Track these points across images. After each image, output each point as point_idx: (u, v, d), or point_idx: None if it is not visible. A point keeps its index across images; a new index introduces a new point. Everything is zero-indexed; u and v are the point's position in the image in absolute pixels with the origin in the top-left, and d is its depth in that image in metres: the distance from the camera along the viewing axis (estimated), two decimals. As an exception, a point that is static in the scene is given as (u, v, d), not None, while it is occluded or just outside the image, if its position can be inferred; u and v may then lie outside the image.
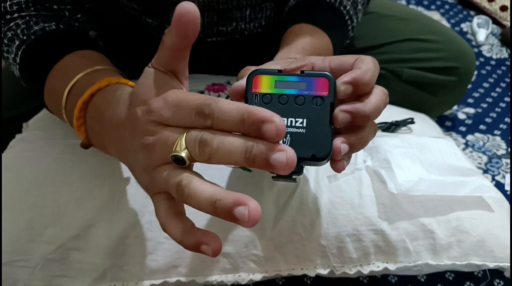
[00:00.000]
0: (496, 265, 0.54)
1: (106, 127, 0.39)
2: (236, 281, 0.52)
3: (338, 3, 0.57)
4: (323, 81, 0.35)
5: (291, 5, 0.60)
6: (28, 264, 0.48)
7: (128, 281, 0.50)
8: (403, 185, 0.50)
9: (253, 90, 0.36)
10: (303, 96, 0.35)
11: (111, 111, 0.38)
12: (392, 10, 0.81)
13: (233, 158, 0.29)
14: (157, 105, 0.32)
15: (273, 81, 0.36)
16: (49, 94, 0.48)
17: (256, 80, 0.36)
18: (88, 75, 0.44)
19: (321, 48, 0.53)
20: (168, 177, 0.32)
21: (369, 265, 0.53)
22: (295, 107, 0.35)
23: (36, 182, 0.50)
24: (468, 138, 0.94)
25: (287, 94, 0.35)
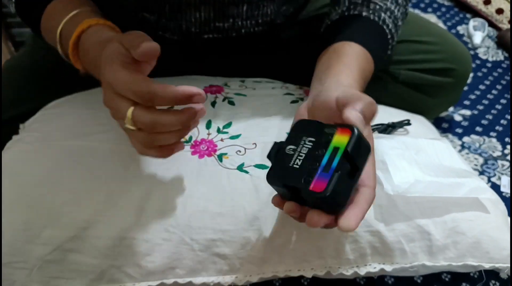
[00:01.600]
0: (492, 266, 0.54)
1: (91, 65, 0.49)
2: (233, 282, 0.52)
3: (382, 21, 0.59)
4: (322, 186, 0.37)
5: (334, 19, 0.61)
6: (25, 266, 0.48)
7: (125, 283, 0.50)
8: (399, 186, 0.51)
9: (338, 129, 0.39)
10: (318, 168, 0.38)
11: (92, 53, 0.48)
12: None
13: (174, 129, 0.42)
14: (109, 80, 0.41)
15: (339, 145, 0.38)
16: (45, 31, 0.56)
17: (345, 131, 0.39)
18: (72, 19, 0.52)
19: (369, 73, 0.56)
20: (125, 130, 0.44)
21: (365, 266, 0.53)
22: (312, 158, 0.39)
23: (33, 184, 0.50)
24: (464, 140, 0.95)
25: (322, 155, 0.38)
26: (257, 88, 0.67)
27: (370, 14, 0.59)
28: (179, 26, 0.65)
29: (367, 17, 0.59)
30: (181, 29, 0.65)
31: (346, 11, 0.60)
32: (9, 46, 1.28)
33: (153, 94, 0.39)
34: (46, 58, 0.67)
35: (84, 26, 0.49)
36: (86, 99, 0.63)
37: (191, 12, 0.63)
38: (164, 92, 0.39)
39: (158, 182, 0.51)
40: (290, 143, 0.41)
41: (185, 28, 0.65)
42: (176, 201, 0.51)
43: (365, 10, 0.59)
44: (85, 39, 0.49)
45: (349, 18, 0.60)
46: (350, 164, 0.37)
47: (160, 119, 0.40)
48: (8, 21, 1.26)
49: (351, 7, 0.60)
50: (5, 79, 0.66)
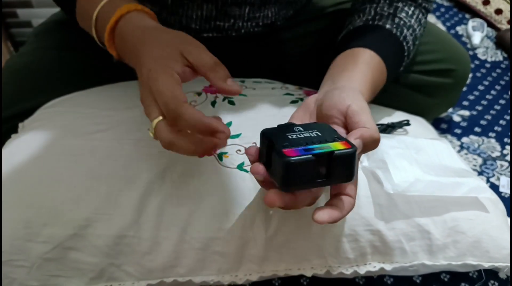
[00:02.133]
0: (492, 265, 0.54)
1: (127, 53, 0.48)
2: (233, 281, 0.52)
3: (403, 37, 0.60)
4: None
5: (357, 25, 0.62)
6: (25, 264, 0.48)
7: (125, 281, 0.50)
8: (399, 185, 0.51)
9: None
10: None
11: (130, 41, 0.47)
12: None
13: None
14: (152, 81, 0.41)
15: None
16: (80, 16, 0.54)
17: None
18: (109, 3, 0.50)
19: (380, 83, 0.58)
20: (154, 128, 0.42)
21: (365, 265, 0.53)
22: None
23: (33, 182, 0.50)
24: (463, 140, 0.95)
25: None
26: (257, 88, 0.68)
27: (393, 28, 0.60)
28: (180, 21, 0.65)
29: (390, 30, 0.60)
30: (181, 24, 0.65)
31: (370, 20, 0.61)
32: (8, 46, 1.28)
33: (179, 116, 0.39)
34: (46, 57, 0.67)
35: (123, 11, 0.48)
36: (86, 98, 0.63)
37: (193, 8, 0.63)
38: (189, 118, 0.39)
39: (158, 181, 0.51)
40: (302, 127, 0.44)
41: (185, 24, 0.65)
42: (175, 199, 0.51)
43: (389, 23, 0.60)
44: (123, 25, 0.48)
45: (372, 27, 0.61)
46: (327, 167, 0.39)
47: (177, 142, 0.40)
48: (7, 21, 1.26)
49: (376, 17, 0.61)
50: (5, 78, 0.66)
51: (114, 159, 0.52)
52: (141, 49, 0.45)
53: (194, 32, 0.66)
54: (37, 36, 0.72)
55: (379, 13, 0.61)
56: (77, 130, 0.56)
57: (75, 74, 0.67)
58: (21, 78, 0.66)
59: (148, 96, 0.42)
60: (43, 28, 0.73)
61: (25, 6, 1.24)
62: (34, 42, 0.71)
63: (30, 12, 1.25)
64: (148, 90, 0.42)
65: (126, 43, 0.47)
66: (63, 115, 0.59)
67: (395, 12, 0.61)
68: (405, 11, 0.61)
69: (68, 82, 0.66)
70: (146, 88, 0.42)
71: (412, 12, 0.61)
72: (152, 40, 0.45)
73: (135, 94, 0.62)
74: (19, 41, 1.29)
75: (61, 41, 0.69)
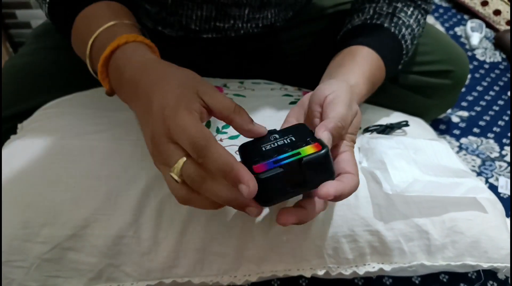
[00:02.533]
0: (490, 266, 0.54)
1: (124, 87, 0.44)
2: (232, 281, 0.52)
3: (401, 36, 0.60)
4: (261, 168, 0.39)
5: (355, 25, 0.63)
6: (23, 264, 0.48)
7: (124, 282, 0.50)
8: (398, 185, 0.51)
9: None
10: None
11: (129, 72, 0.42)
12: None
13: (217, 201, 0.39)
14: (169, 119, 0.37)
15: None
16: (75, 40, 0.51)
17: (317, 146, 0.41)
18: (108, 29, 0.46)
19: (379, 80, 0.58)
20: (169, 183, 0.40)
21: (364, 266, 0.53)
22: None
23: (31, 182, 0.50)
24: (462, 141, 0.95)
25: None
26: (256, 89, 0.68)
27: (391, 27, 0.60)
28: (179, 21, 0.65)
29: (388, 28, 0.60)
30: (181, 25, 0.65)
31: (369, 19, 0.62)
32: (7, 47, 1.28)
33: (208, 152, 0.36)
34: (45, 58, 0.68)
35: (121, 41, 0.44)
36: (85, 99, 0.63)
37: (193, 8, 0.63)
38: (218, 158, 0.36)
39: (157, 181, 0.51)
40: (279, 133, 0.44)
41: (185, 24, 0.65)
42: (174, 200, 0.50)
43: (388, 22, 0.61)
44: (121, 55, 0.44)
45: (371, 26, 0.61)
46: (300, 173, 0.39)
47: (208, 180, 0.37)
48: (6, 22, 1.26)
49: (375, 16, 0.62)
50: (4, 79, 0.66)
51: (113, 159, 0.52)
52: (147, 85, 0.40)
53: (193, 32, 0.66)
54: (36, 37, 0.72)
55: (378, 13, 0.62)
56: (76, 131, 0.56)
57: (74, 75, 0.67)
58: (20, 79, 0.66)
59: (163, 136, 0.38)
60: (42, 29, 0.73)
61: (24, 7, 1.24)
62: (33, 43, 0.71)
63: (29, 13, 1.25)
64: (162, 130, 0.38)
65: (123, 75, 0.43)
66: (62, 116, 0.59)
67: (394, 12, 0.61)
68: (404, 11, 0.61)
69: (67, 83, 0.66)
70: (159, 127, 0.38)
71: (411, 13, 0.62)
72: (163, 76, 0.41)
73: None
74: (18, 42, 1.29)
75: (60, 42, 0.69)
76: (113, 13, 0.48)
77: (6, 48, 1.27)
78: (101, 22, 0.47)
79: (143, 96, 0.41)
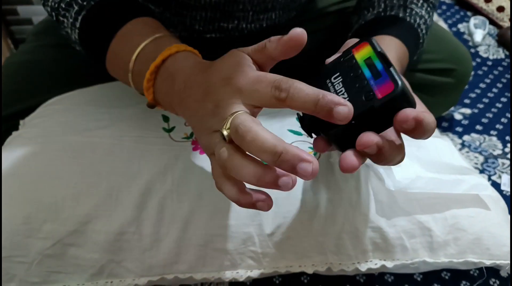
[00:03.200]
0: (493, 263, 0.54)
1: (176, 89, 0.43)
2: (234, 277, 0.52)
3: (417, 25, 0.59)
4: (389, 87, 0.34)
5: (369, 19, 0.61)
6: (25, 260, 0.48)
7: (125, 277, 0.50)
8: (400, 182, 0.51)
9: (353, 50, 0.38)
10: (367, 82, 0.35)
11: (183, 75, 0.42)
12: None
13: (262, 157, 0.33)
14: (237, 79, 0.36)
15: (368, 55, 0.37)
16: (112, 59, 0.50)
17: (362, 45, 0.38)
18: (154, 41, 0.46)
19: (405, 66, 0.55)
20: (217, 145, 0.36)
21: (366, 263, 0.53)
22: (354, 84, 0.36)
23: (33, 178, 0.50)
24: (464, 139, 0.95)
25: (361, 72, 0.36)
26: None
27: (406, 17, 0.59)
28: (183, 22, 0.65)
29: (404, 18, 0.59)
30: (184, 25, 0.65)
31: (382, 12, 0.60)
32: (8, 43, 1.28)
33: (292, 83, 0.34)
34: (47, 55, 0.67)
35: (172, 51, 0.44)
36: (87, 95, 0.63)
37: (197, 10, 0.63)
38: (304, 88, 0.33)
39: (159, 177, 0.51)
40: (332, 71, 0.39)
41: (189, 25, 0.65)
42: (176, 196, 0.50)
43: (402, 12, 0.59)
44: (172, 63, 0.44)
45: (386, 18, 0.60)
46: (374, 119, 0.35)
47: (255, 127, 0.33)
48: (8, 18, 1.26)
49: (387, 8, 0.60)
50: (5, 76, 0.66)
51: (114, 155, 0.52)
52: (203, 76, 0.40)
53: (197, 33, 0.66)
54: (36, 35, 0.72)
55: (390, 5, 0.61)
56: (78, 127, 0.56)
57: (75, 72, 0.67)
58: (20, 77, 0.66)
59: (230, 98, 0.36)
60: (42, 27, 0.73)
61: (26, 3, 1.24)
62: (34, 40, 0.71)
63: (31, 9, 1.25)
64: (230, 93, 0.37)
65: (175, 81, 0.43)
66: (63, 113, 0.59)
67: (406, 3, 0.60)
68: (415, 3, 0.60)
69: (69, 80, 0.65)
70: (224, 92, 0.37)
71: (422, 4, 0.61)
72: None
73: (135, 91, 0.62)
74: (19, 39, 1.29)
75: (61, 39, 0.69)
76: (151, 28, 0.49)
77: (8, 44, 1.27)
78: (142, 38, 0.47)
79: (197, 87, 0.40)
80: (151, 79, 0.45)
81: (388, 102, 0.34)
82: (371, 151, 0.34)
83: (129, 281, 0.50)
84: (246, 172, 0.33)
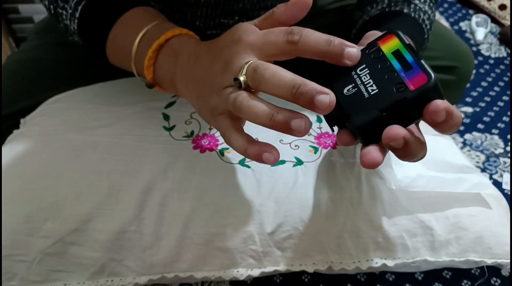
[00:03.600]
0: (494, 262, 0.54)
1: (180, 63, 0.44)
2: (234, 276, 0.52)
3: (421, 20, 0.59)
4: (422, 78, 0.34)
5: (373, 15, 0.61)
6: (26, 258, 0.48)
7: (126, 276, 0.50)
8: (401, 181, 0.51)
9: (378, 42, 0.38)
10: (397, 74, 0.35)
11: (188, 50, 0.44)
12: None
13: (280, 91, 0.34)
14: (247, 37, 0.38)
15: (395, 48, 0.37)
16: (113, 48, 0.52)
17: (389, 38, 0.38)
18: (157, 26, 0.48)
19: None
20: (231, 93, 0.36)
21: (367, 261, 0.53)
22: (382, 76, 0.36)
23: (34, 177, 0.50)
24: (466, 137, 0.94)
25: (390, 64, 0.36)
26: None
27: (411, 12, 0.59)
28: (184, 18, 0.65)
29: (408, 14, 0.59)
30: (185, 21, 0.65)
31: (386, 7, 0.60)
32: (10, 41, 1.28)
33: (303, 29, 0.36)
34: (48, 53, 0.67)
35: (176, 32, 0.47)
36: (87, 94, 0.63)
37: (197, 6, 0.63)
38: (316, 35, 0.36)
39: (159, 176, 0.51)
40: (342, 86, 0.37)
41: (189, 21, 0.65)
42: (177, 195, 0.50)
43: (406, 8, 0.59)
44: (176, 41, 0.46)
45: (390, 13, 0.59)
46: (406, 111, 0.35)
47: (272, 67, 0.34)
48: (9, 16, 1.26)
49: (391, 4, 0.60)
50: (6, 74, 0.66)
51: (115, 154, 0.52)
52: (208, 45, 0.41)
53: (197, 29, 0.66)
54: (37, 33, 0.72)
55: (394, 0, 0.60)
56: (79, 126, 0.56)
57: (76, 70, 0.67)
58: (21, 75, 0.66)
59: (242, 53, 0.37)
60: (43, 25, 0.73)
61: (27, 2, 1.24)
62: (35, 38, 0.71)
63: (32, 8, 1.25)
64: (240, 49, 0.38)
65: (179, 57, 0.45)
66: (64, 111, 0.59)
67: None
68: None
69: (70, 78, 0.65)
70: (235, 49, 0.38)
71: (424, 0, 0.61)
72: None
73: (136, 89, 0.62)
74: (20, 37, 1.29)
75: (62, 37, 0.69)
76: (152, 15, 0.50)
77: (9, 43, 1.27)
78: (145, 23, 0.48)
79: (205, 55, 0.41)
80: (153, 57, 0.46)
81: (421, 94, 0.34)
82: (398, 145, 0.34)
83: (129, 280, 0.50)
84: (262, 109, 0.34)
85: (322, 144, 0.56)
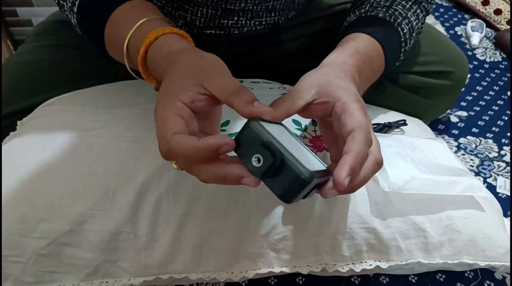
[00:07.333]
0: (487, 264, 0.54)
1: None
2: (229, 278, 0.52)
3: (397, 24, 0.59)
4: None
5: (351, 20, 0.62)
6: (20, 259, 0.48)
7: (121, 277, 0.50)
8: (395, 183, 0.51)
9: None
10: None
11: (161, 67, 0.44)
12: None
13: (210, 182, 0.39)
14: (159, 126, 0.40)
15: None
16: (110, 47, 0.52)
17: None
18: (139, 29, 0.47)
19: (373, 55, 0.54)
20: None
21: (361, 263, 0.53)
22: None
23: (29, 178, 0.50)
24: (460, 141, 0.95)
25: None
26: (255, 88, 0.68)
27: (386, 16, 0.59)
28: (184, 17, 0.65)
29: (382, 17, 0.59)
30: (185, 20, 0.66)
31: (364, 13, 0.61)
32: (8, 44, 1.28)
33: (171, 150, 0.38)
34: (46, 55, 0.68)
35: (152, 39, 0.45)
36: (84, 96, 0.63)
37: (198, 6, 0.64)
38: (181, 151, 0.37)
39: (155, 178, 0.51)
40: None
41: (189, 20, 0.66)
42: (172, 196, 0.51)
43: (383, 13, 0.60)
44: (153, 53, 0.45)
45: (366, 18, 0.60)
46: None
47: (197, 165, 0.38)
48: (7, 19, 1.26)
49: (370, 9, 0.61)
50: (4, 76, 0.66)
51: (111, 155, 0.53)
52: (165, 78, 0.42)
53: (197, 28, 0.67)
54: (35, 36, 0.72)
55: (375, 6, 0.61)
56: (75, 127, 0.56)
57: (73, 73, 0.67)
58: (19, 77, 0.66)
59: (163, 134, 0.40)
60: (42, 28, 0.73)
61: (25, 5, 1.24)
62: (33, 41, 0.71)
63: (30, 11, 1.25)
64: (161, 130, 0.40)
65: (159, 73, 0.45)
66: (61, 113, 0.59)
67: (391, 5, 0.60)
68: (402, 4, 0.61)
69: (67, 80, 0.66)
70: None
71: (410, 7, 0.61)
72: (173, 67, 0.42)
73: (133, 92, 0.62)
74: (19, 40, 1.30)
75: (60, 40, 0.69)
76: (137, 13, 0.49)
77: (8, 45, 1.27)
78: (128, 24, 0.48)
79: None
80: (145, 71, 0.46)
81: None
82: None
83: (124, 281, 0.50)
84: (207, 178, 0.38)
85: (317, 147, 0.56)
